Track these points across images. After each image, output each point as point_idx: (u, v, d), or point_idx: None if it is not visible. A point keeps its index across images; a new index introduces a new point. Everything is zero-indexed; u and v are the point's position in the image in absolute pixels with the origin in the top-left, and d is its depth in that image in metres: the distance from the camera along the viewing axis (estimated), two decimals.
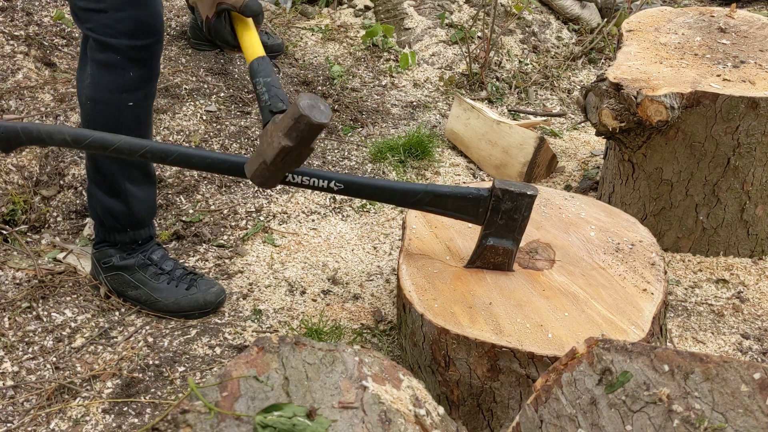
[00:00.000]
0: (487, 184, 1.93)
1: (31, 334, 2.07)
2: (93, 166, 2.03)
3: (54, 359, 2.00)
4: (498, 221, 1.79)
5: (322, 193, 2.61)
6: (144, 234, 2.15)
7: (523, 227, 1.80)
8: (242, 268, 2.40)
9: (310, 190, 2.71)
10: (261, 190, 2.77)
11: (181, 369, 2.00)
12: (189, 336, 2.11)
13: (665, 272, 1.84)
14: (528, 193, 1.76)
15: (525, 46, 3.90)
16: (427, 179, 2.92)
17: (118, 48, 1.85)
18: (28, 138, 1.65)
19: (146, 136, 2.02)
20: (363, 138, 3.15)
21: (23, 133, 1.65)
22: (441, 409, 1.18)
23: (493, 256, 1.82)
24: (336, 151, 3.04)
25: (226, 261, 2.42)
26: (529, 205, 1.77)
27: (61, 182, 2.60)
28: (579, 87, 3.68)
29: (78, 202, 2.56)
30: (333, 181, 1.75)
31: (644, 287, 1.78)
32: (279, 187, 2.75)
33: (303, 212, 2.68)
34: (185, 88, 3.11)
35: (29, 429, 1.81)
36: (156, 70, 1.95)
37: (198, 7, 1.89)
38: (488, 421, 1.70)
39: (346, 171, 2.92)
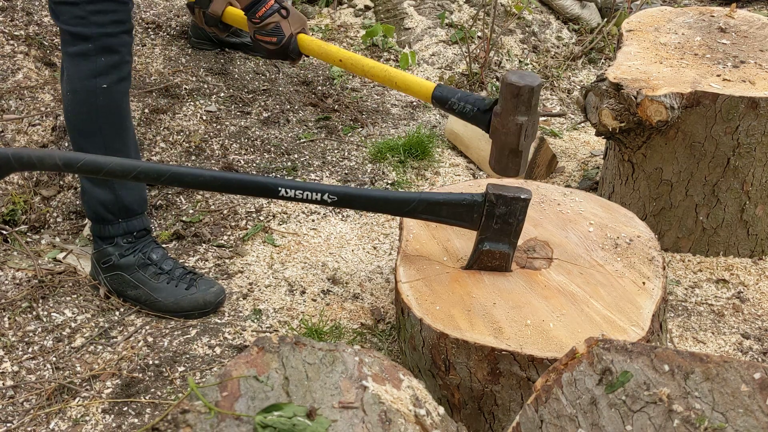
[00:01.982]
0: (483, 188, 1.93)
1: (31, 334, 2.07)
2: None
3: (54, 359, 2.00)
4: (493, 226, 1.79)
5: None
6: (137, 225, 2.15)
7: (518, 231, 1.80)
8: (242, 268, 2.40)
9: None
10: None
11: (181, 369, 2.00)
12: (189, 336, 2.11)
13: (664, 267, 1.84)
14: (522, 197, 1.76)
15: (525, 46, 3.90)
16: (427, 179, 2.92)
17: (89, 36, 1.94)
18: (19, 164, 1.67)
19: (125, 122, 2.06)
20: (363, 138, 3.15)
21: (14, 159, 1.67)
22: (441, 409, 1.18)
23: (490, 260, 1.82)
24: (336, 151, 3.04)
25: (226, 261, 2.42)
26: (523, 209, 1.77)
27: (61, 182, 2.60)
28: (579, 87, 3.68)
29: (78, 202, 2.56)
30: (326, 194, 1.76)
31: (643, 283, 1.78)
32: None
33: (303, 212, 2.68)
34: (185, 88, 3.11)
35: (29, 429, 1.81)
36: (127, 57, 2.02)
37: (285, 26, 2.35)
38: (490, 424, 1.70)
39: (346, 171, 2.92)
